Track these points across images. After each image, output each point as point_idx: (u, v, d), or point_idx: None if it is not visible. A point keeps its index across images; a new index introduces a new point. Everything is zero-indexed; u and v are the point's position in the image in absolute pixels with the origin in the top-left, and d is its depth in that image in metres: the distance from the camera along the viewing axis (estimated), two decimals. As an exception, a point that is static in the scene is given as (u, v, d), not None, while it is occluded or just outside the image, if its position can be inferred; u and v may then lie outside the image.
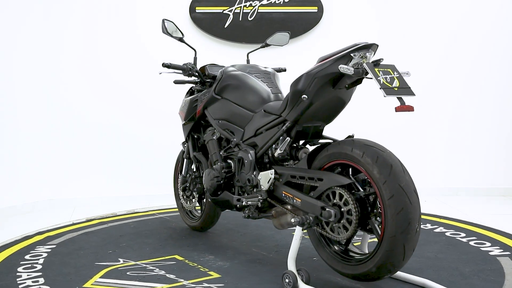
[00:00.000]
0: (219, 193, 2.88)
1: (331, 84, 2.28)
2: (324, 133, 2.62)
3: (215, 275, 2.57)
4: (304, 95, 2.31)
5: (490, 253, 2.92)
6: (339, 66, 2.13)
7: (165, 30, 3.03)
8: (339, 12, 4.89)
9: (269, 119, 2.61)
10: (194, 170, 3.33)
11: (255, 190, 2.64)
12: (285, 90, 2.96)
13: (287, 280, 2.32)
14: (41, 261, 2.82)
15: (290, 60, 4.83)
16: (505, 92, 4.90)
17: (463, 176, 4.92)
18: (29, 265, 2.74)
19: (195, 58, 3.22)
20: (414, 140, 4.86)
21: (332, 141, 2.51)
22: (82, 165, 4.69)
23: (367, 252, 2.44)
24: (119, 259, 2.85)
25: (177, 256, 2.89)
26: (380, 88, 2.05)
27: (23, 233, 3.43)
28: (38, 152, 4.52)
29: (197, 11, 4.74)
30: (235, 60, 3.43)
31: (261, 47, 3.30)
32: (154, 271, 2.64)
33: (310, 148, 2.62)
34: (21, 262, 2.80)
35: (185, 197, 3.44)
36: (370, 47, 2.19)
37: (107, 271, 2.64)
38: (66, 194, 4.63)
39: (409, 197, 2.07)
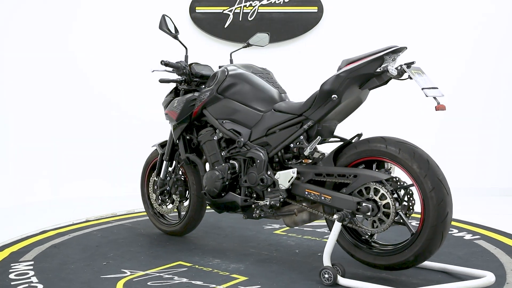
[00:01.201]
0: (222, 194, 2.84)
1: (359, 85, 2.40)
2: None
3: (241, 277, 2.49)
4: (334, 95, 2.42)
5: (464, 237, 3.14)
6: (389, 68, 2.27)
7: (164, 26, 3.00)
8: (339, 12, 4.89)
9: (284, 118, 2.65)
10: (175, 172, 3.21)
11: (269, 189, 2.65)
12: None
13: (326, 276, 2.36)
14: (34, 279, 2.52)
15: (290, 60, 4.85)
16: (508, 92, 4.91)
17: (463, 176, 4.92)
18: (27, 285, 2.44)
19: (186, 57, 3.15)
20: (414, 140, 4.85)
21: (339, 139, 2.62)
22: (82, 165, 4.69)
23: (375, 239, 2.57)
24: (123, 270, 2.63)
25: (182, 262, 2.75)
26: (422, 89, 2.22)
27: (22, 234, 3.43)
28: (38, 152, 4.52)
29: (197, 11, 4.74)
30: (235, 60, 3.41)
31: (243, 47, 3.27)
32: (174, 279, 2.48)
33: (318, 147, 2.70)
34: (12, 283, 2.47)
35: (160, 201, 3.29)
36: (401, 50, 2.32)
37: (123, 283, 2.44)
38: (66, 194, 4.63)
39: (446, 188, 2.25)
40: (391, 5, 4.90)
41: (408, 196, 2.35)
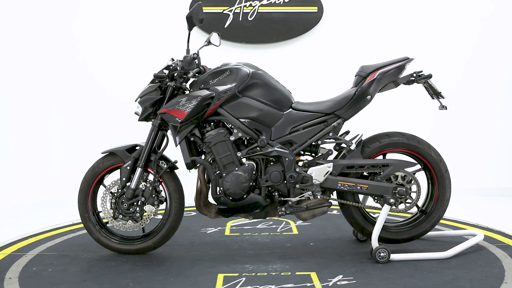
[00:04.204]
0: (245, 196, 2.81)
1: (380, 88, 2.86)
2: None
3: (311, 273, 2.57)
4: (369, 96, 2.82)
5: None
6: (424, 74, 2.82)
7: (194, 14, 2.76)
8: (339, 12, 4.88)
9: (310, 117, 2.85)
10: (154, 180, 2.89)
11: (297, 186, 2.80)
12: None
13: (382, 254, 2.71)
14: None
15: (290, 60, 4.85)
16: (508, 92, 4.91)
17: (463, 176, 4.92)
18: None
19: (188, 50, 2.93)
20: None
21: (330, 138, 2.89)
22: (82, 165, 4.68)
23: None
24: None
25: (224, 274, 2.57)
26: (440, 92, 2.88)
27: (22, 234, 3.43)
28: (38, 152, 4.52)
29: (197, 11, 4.74)
30: (235, 60, 3.39)
31: (205, 45, 2.98)
32: None
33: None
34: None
35: (123, 216, 2.88)
36: (411, 61, 2.87)
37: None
38: (66, 194, 4.63)
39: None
40: (391, 5, 4.90)
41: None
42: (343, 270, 2.61)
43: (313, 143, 2.86)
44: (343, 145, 2.91)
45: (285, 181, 2.81)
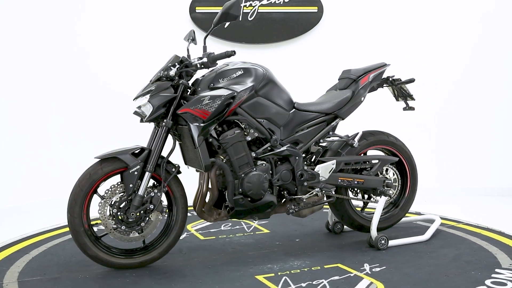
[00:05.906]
0: (262, 197, 2.79)
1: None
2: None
3: (339, 265, 2.68)
4: (362, 97, 3.07)
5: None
6: (401, 78, 3.18)
7: (230, 10, 2.74)
8: (339, 12, 4.88)
9: (313, 117, 2.97)
10: (162, 185, 2.68)
11: (306, 183, 2.90)
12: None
13: (383, 241, 2.96)
14: None
15: (290, 60, 4.85)
16: (510, 91, 4.90)
17: (464, 176, 4.91)
18: None
19: (205, 47, 2.85)
20: (414, 140, 4.85)
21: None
22: (82, 165, 4.68)
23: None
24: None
25: (262, 276, 2.54)
26: (412, 95, 3.20)
27: (22, 234, 3.41)
28: (38, 153, 4.52)
29: (197, 11, 4.74)
30: (234, 59, 3.37)
31: (190, 43, 2.91)
32: (314, 283, 2.40)
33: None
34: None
35: (127, 227, 2.62)
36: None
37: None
38: (66, 194, 4.61)
39: None
40: (391, 5, 4.90)
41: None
42: (361, 259, 2.77)
43: (321, 141, 3.03)
44: (324, 144, 3.11)
45: (294, 179, 2.89)
